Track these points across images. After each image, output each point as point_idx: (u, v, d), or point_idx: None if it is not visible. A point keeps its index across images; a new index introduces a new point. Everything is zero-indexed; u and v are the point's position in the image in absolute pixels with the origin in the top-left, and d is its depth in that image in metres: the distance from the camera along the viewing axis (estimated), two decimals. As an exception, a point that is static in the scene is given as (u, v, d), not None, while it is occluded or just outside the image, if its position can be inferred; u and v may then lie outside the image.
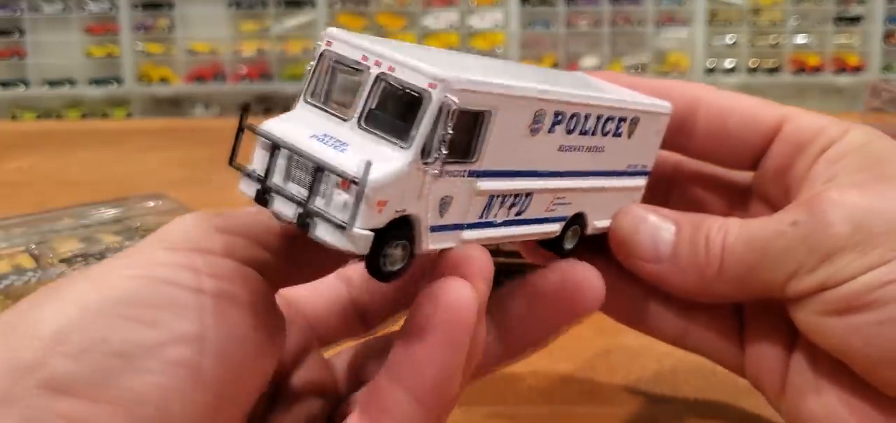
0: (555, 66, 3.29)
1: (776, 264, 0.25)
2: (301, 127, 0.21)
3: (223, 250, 0.22)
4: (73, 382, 0.18)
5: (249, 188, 0.21)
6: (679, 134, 0.30)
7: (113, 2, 3.28)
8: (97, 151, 1.14)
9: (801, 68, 3.33)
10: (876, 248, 0.23)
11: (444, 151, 0.20)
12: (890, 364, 0.24)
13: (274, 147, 0.21)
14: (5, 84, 3.35)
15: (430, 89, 0.19)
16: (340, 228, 0.19)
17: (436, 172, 0.20)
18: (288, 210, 0.21)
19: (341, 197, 0.19)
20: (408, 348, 0.21)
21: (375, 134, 0.20)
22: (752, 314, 0.31)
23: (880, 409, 0.25)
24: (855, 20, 3.33)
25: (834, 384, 0.26)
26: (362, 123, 0.21)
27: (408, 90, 0.20)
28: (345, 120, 0.21)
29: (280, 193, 0.21)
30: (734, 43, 3.34)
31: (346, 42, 0.21)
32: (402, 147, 0.20)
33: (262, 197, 0.21)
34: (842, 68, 3.32)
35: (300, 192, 0.20)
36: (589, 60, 3.30)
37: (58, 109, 3.35)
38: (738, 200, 0.32)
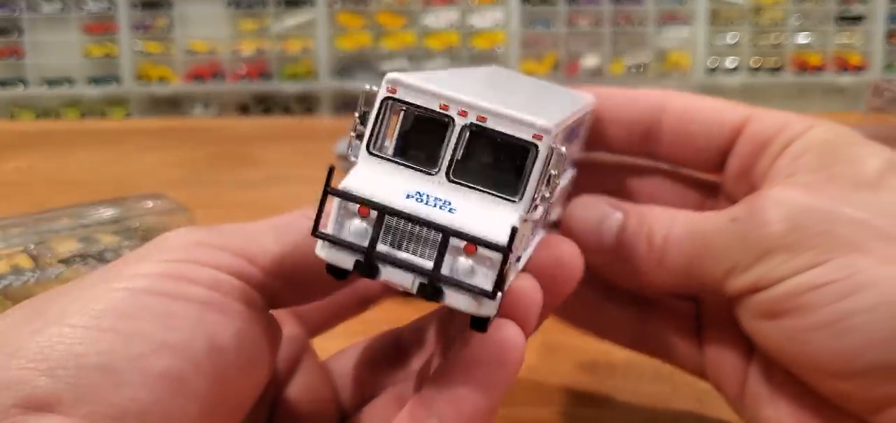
0: (555, 65, 3.29)
1: (715, 259, 0.25)
2: (391, 186, 0.19)
3: (210, 261, 0.22)
4: (53, 399, 0.18)
5: (343, 259, 0.19)
6: (647, 140, 0.30)
7: (111, 1, 3.28)
8: (96, 151, 1.14)
9: (802, 68, 3.33)
10: (809, 249, 0.23)
11: (547, 195, 0.19)
12: (823, 372, 0.23)
13: (382, 214, 0.19)
14: (3, 83, 3.35)
15: (536, 141, 0.19)
16: (481, 294, 0.19)
17: (536, 217, 0.20)
18: (404, 279, 0.19)
19: (467, 262, 0.19)
20: (450, 385, 0.21)
21: (473, 188, 0.19)
22: (708, 317, 0.30)
23: (831, 420, 0.24)
24: (857, 19, 3.32)
25: (786, 393, 0.26)
26: (451, 176, 0.20)
27: (508, 142, 0.19)
28: (429, 174, 0.20)
29: (389, 261, 0.19)
30: (736, 42, 3.34)
31: (417, 89, 0.20)
32: (512, 202, 0.19)
33: (369, 268, 0.19)
34: (844, 68, 3.32)
35: (419, 260, 0.19)
36: (589, 60, 3.30)
37: (56, 109, 3.35)
38: (710, 204, 0.32)
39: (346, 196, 0.19)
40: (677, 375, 0.45)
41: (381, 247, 0.19)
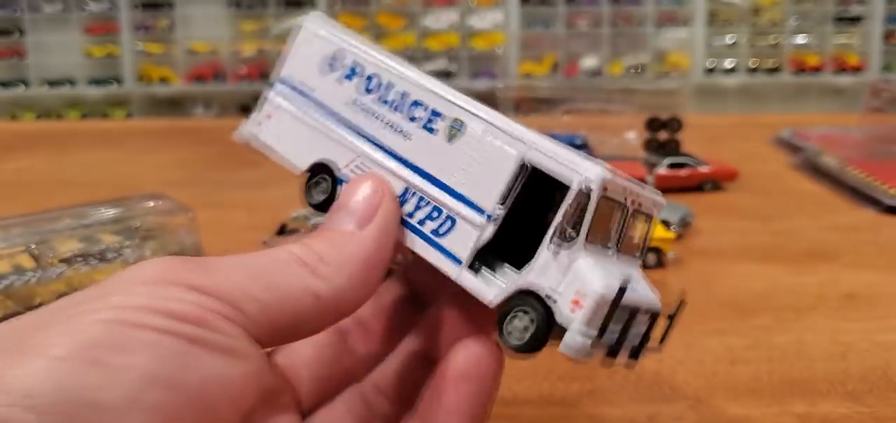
0: (555, 65, 3.29)
1: None
2: (609, 274, 0.24)
3: (197, 300, 0.21)
4: None
5: (586, 349, 0.24)
6: None
7: (113, 2, 3.28)
8: (97, 152, 1.14)
9: (801, 68, 3.33)
10: None
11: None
12: None
13: (615, 307, 0.24)
14: (5, 84, 3.35)
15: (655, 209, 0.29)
16: (650, 349, 0.27)
17: None
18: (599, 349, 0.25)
19: (642, 328, 0.26)
20: (438, 391, 0.25)
21: (627, 257, 0.27)
22: None
23: None
24: (855, 20, 3.33)
25: None
26: (618, 248, 0.26)
27: (645, 215, 0.28)
28: (609, 250, 0.26)
29: (602, 340, 0.25)
30: (734, 43, 3.34)
31: (617, 185, 0.26)
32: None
33: (611, 355, 0.26)
34: (842, 68, 3.32)
35: (615, 334, 0.25)
36: (588, 61, 3.30)
37: (57, 109, 3.35)
38: None
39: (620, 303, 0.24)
40: (676, 375, 0.45)
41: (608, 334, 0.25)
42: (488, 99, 0.30)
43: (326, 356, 0.28)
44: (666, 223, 0.67)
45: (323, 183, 0.29)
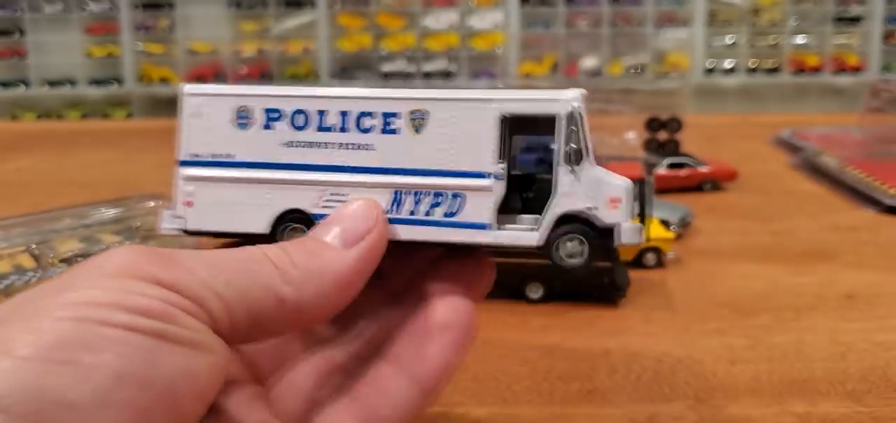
0: (555, 66, 3.29)
1: None
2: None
3: (161, 294, 0.21)
4: None
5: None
6: None
7: (113, 2, 3.28)
8: (97, 152, 1.14)
9: (800, 69, 3.33)
10: None
11: None
12: None
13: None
14: (6, 84, 3.35)
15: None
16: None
17: None
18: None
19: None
20: (418, 342, 0.26)
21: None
22: None
23: None
24: (854, 20, 3.33)
25: None
26: None
27: None
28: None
29: None
30: (734, 43, 3.34)
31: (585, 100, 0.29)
32: None
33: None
34: (841, 69, 3.32)
35: None
36: (588, 61, 3.30)
37: (58, 109, 3.35)
38: None
39: None
40: (676, 374, 0.45)
41: None
42: None
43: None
44: (666, 223, 0.67)
45: (298, 230, 0.28)
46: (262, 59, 3.37)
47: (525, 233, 0.27)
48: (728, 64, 3.34)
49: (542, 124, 0.28)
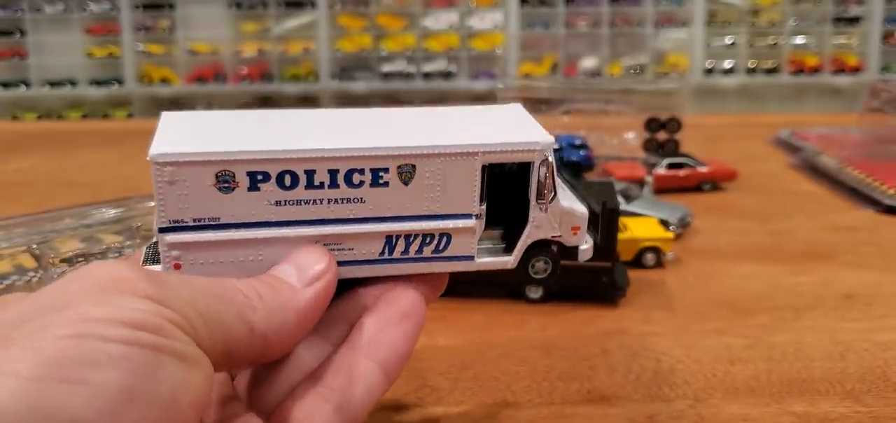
0: (554, 66, 3.29)
1: None
2: (574, 199, 0.33)
3: (151, 300, 0.22)
4: None
5: None
6: None
7: (114, 2, 3.28)
8: (98, 152, 1.14)
9: (799, 69, 3.33)
10: None
11: None
12: None
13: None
14: (6, 84, 3.35)
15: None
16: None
17: None
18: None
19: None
20: (383, 329, 0.29)
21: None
22: None
23: None
24: (854, 20, 3.33)
25: None
26: None
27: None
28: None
29: None
30: (733, 43, 3.34)
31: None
32: None
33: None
34: (840, 69, 3.33)
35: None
36: (588, 61, 3.30)
37: (59, 110, 3.36)
38: None
39: None
40: (675, 374, 0.45)
41: None
42: (488, 99, 0.31)
43: None
44: (665, 223, 0.67)
45: None
46: (262, 59, 3.37)
47: (501, 258, 0.32)
48: (727, 64, 3.34)
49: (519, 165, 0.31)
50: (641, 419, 0.40)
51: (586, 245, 0.33)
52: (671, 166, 0.89)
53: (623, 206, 0.66)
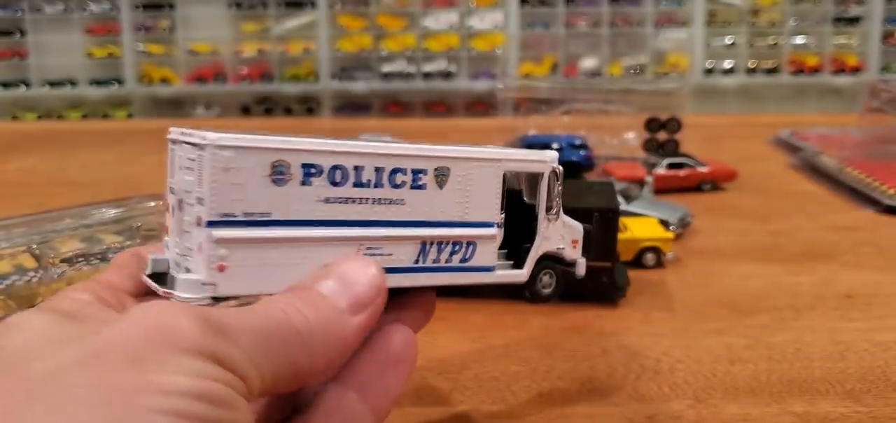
0: (554, 66, 3.29)
1: None
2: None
3: (216, 362, 0.21)
4: None
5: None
6: None
7: (114, 3, 3.29)
8: (98, 152, 1.14)
9: (799, 69, 3.33)
10: None
11: None
12: None
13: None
14: (6, 85, 3.35)
15: None
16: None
17: None
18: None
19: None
20: (378, 373, 0.28)
21: None
22: None
23: None
24: (854, 21, 3.33)
25: None
26: None
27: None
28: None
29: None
30: (733, 44, 3.34)
31: None
32: None
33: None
34: (840, 69, 3.33)
35: None
36: (588, 61, 3.30)
37: (59, 110, 3.36)
38: None
39: None
40: (675, 374, 0.45)
41: None
42: (488, 99, 0.31)
43: None
44: (665, 223, 0.67)
45: None
46: (262, 59, 3.37)
47: (515, 271, 0.33)
48: (727, 64, 3.34)
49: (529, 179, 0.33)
50: (641, 419, 0.40)
51: (583, 259, 0.35)
52: (671, 166, 0.90)
53: (623, 206, 0.66)
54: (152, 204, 0.57)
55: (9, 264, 0.47)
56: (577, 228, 0.34)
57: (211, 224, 0.26)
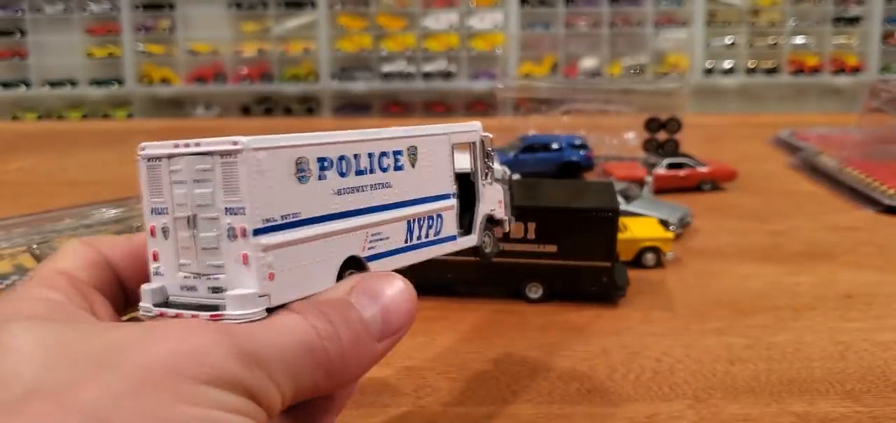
0: (554, 66, 3.29)
1: None
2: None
3: (247, 393, 0.22)
4: None
5: None
6: None
7: (114, 3, 3.29)
8: (98, 152, 1.14)
9: (799, 69, 3.33)
10: None
11: None
12: None
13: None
14: (7, 85, 3.35)
15: None
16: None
17: None
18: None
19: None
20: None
21: None
22: None
23: None
24: (854, 21, 3.33)
25: None
26: None
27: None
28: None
29: None
30: (733, 44, 3.34)
31: None
32: None
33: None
34: (840, 69, 3.33)
35: None
36: (588, 61, 3.30)
37: (59, 110, 3.36)
38: None
39: None
40: (675, 374, 0.45)
41: None
42: (488, 99, 0.31)
43: None
44: (665, 223, 0.67)
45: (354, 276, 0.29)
46: (262, 59, 3.37)
47: (468, 237, 0.36)
48: (727, 64, 3.34)
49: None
50: (641, 419, 0.40)
51: (510, 217, 0.38)
52: (671, 166, 0.90)
53: (623, 206, 0.66)
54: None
55: (9, 263, 0.47)
56: (499, 190, 0.38)
57: (257, 232, 0.25)
